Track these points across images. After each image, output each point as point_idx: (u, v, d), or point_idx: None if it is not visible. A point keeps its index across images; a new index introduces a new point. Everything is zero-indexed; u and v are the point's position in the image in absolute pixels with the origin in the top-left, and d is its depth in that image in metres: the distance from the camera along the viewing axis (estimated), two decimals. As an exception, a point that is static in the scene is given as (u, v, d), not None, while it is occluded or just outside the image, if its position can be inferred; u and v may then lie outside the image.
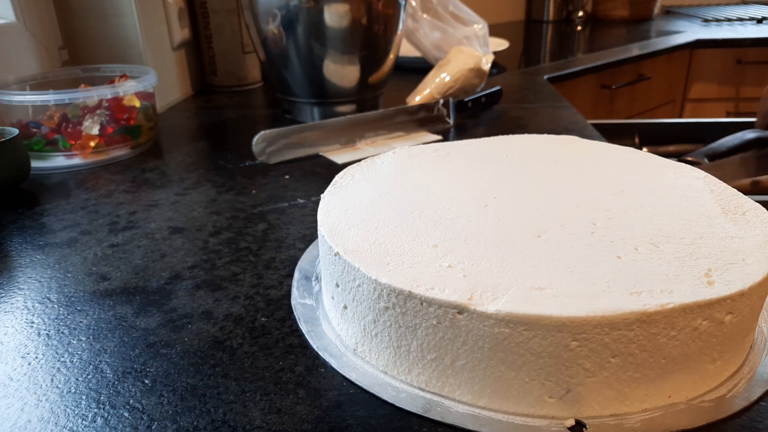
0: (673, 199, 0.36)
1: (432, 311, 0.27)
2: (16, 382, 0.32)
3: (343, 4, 0.71)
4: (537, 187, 0.38)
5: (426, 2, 0.95)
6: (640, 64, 1.31)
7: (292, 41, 0.73)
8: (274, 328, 0.36)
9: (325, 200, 0.38)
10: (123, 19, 0.80)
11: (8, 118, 0.68)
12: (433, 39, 0.95)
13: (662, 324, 0.25)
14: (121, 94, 0.68)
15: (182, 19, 0.93)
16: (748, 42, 1.42)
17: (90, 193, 0.59)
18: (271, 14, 0.72)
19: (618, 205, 0.34)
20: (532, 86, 1.00)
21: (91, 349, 0.35)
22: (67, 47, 0.84)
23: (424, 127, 0.75)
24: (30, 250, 0.48)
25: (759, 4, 1.94)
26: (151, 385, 0.32)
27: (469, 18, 0.97)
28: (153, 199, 0.57)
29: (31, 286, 0.42)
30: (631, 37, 1.51)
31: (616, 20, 1.83)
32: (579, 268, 0.28)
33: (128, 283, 0.42)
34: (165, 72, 0.89)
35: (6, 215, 0.54)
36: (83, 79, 0.77)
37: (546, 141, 0.48)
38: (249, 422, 0.29)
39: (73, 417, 0.29)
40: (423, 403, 0.29)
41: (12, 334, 0.37)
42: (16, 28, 0.75)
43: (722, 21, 1.66)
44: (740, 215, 0.33)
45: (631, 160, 0.42)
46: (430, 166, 0.42)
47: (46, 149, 0.67)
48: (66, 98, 0.65)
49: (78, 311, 0.39)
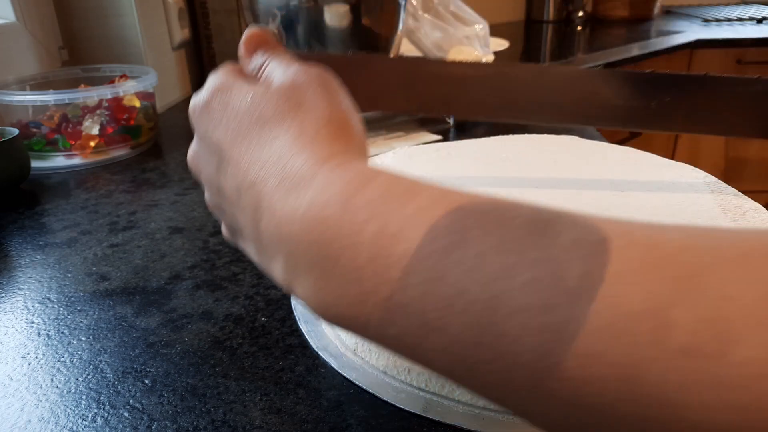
0: (673, 199, 0.36)
1: (432, 311, 0.27)
2: (16, 382, 0.32)
3: (343, 4, 0.71)
4: (537, 187, 0.38)
5: (427, 2, 0.95)
6: (640, 64, 1.31)
7: (292, 41, 0.73)
8: (274, 328, 0.36)
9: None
10: (123, 19, 0.80)
11: (8, 118, 0.68)
12: (434, 38, 0.95)
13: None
14: (121, 94, 0.68)
15: (182, 19, 0.94)
16: (748, 42, 1.42)
17: (90, 193, 0.59)
18: (271, 14, 0.72)
19: (618, 205, 0.34)
20: (532, 86, 1.00)
21: (91, 349, 0.35)
22: (67, 47, 0.84)
23: (424, 127, 0.75)
24: (30, 250, 0.48)
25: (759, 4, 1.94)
26: (151, 385, 0.32)
27: (470, 18, 0.97)
28: (153, 199, 0.57)
29: (31, 286, 0.42)
30: (631, 37, 1.51)
31: (616, 20, 1.83)
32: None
33: (128, 283, 0.42)
34: (165, 72, 0.89)
35: (6, 215, 0.54)
36: (83, 79, 0.77)
37: (546, 141, 0.48)
38: (249, 422, 0.29)
39: (73, 417, 0.29)
40: (423, 403, 0.29)
41: (12, 334, 0.37)
42: (16, 28, 0.75)
43: (722, 21, 1.66)
44: (740, 215, 0.33)
45: (631, 160, 0.42)
46: (430, 166, 0.42)
47: (46, 149, 0.67)
48: (66, 98, 0.65)
49: (78, 311, 0.39)
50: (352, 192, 0.18)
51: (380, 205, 0.18)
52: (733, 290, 0.13)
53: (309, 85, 0.23)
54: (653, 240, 0.14)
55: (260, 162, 0.21)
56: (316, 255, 0.19)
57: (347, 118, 0.23)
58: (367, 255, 0.17)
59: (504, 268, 0.15)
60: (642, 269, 0.14)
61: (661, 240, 0.14)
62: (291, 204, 0.20)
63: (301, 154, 0.21)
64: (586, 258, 0.14)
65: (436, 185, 0.19)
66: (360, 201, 0.18)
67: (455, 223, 0.16)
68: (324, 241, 0.18)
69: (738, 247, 0.14)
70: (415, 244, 0.16)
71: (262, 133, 0.22)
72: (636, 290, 0.13)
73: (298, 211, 0.19)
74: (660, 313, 0.13)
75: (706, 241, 0.14)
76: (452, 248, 0.16)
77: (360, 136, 0.23)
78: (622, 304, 0.13)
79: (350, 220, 0.18)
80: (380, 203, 0.18)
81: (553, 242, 0.15)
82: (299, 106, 0.22)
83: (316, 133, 0.21)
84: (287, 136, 0.21)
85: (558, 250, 0.15)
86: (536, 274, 0.14)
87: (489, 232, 0.16)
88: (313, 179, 0.20)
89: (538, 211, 0.16)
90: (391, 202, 0.18)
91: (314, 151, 0.21)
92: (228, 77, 0.25)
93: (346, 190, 0.18)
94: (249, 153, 0.22)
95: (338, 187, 0.19)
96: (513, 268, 0.15)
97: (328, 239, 0.18)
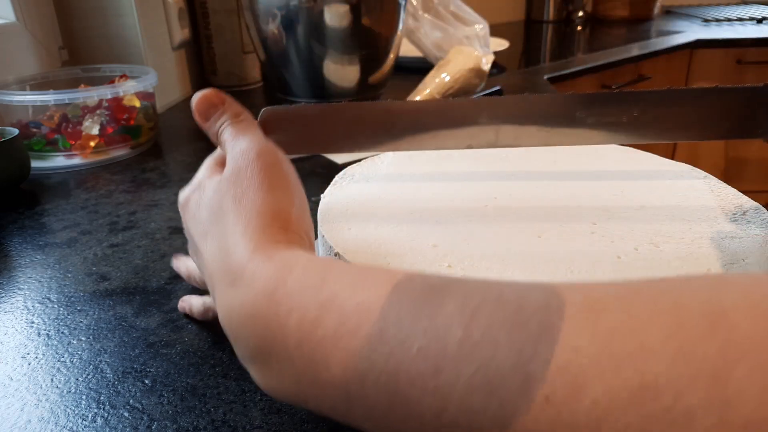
0: (673, 199, 0.36)
1: (432, 311, 0.27)
2: (16, 382, 0.32)
3: (343, 4, 0.71)
4: (537, 186, 0.38)
5: (427, 2, 0.95)
6: (640, 64, 1.31)
7: (292, 41, 0.73)
8: (274, 328, 0.36)
9: (325, 200, 0.38)
10: (123, 19, 0.80)
11: (8, 118, 0.68)
12: (434, 38, 0.95)
13: (662, 324, 0.25)
14: (121, 94, 0.68)
15: (182, 19, 0.94)
16: (748, 42, 1.42)
17: (90, 193, 0.59)
18: (271, 14, 0.72)
19: (618, 205, 0.34)
20: (532, 86, 1.00)
21: (91, 349, 0.35)
22: (67, 47, 0.84)
23: (424, 127, 0.75)
24: (30, 250, 0.48)
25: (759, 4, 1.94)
26: (151, 385, 0.32)
27: (470, 18, 0.97)
28: (153, 199, 0.57)
29: (31, 286, 0.42)
30: (631, 37, 1.51)
31: (616, 20, 1.83)
32: (579, 268, 0.28)
33: (128, 283, 0.42)
34: (165, 72, 0.89)
35: (6, 215, 0.54)
36: (83, 79, 0.77)
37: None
38: (249, 422, 0.29)
39: (73, 417, 0.29)
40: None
41: (12, 334, 0.37)
42: (16, 28, 0.75)
43: (722, 21, 1.66)
44: (740, 215, 0.33)
45: (631, 160, 0.42)
46: (430, 165, 0.42)
47: (46, 149, 0.67)
48: (66, 98, 0.65)
49: (78, 311, 0.39)
50: (275, 286, 0.21)
51: (299, 296, 0.20)
52: (580, 341, 0.15)
53: (250, 173, 0.26)
54: (520, 299, 0.17)
55: (212, 257, 0.25)
56: (254, 346, 0.21)
57: (282, 205, 0.26)
58: (294, 341, 0.20)
59: (400, 341, 0.17)
60: (506, 326, 0.16)
61: (525, 298, 0.17)
62: (230, 299, 0.23)
63: (236, 249, 0.24)
64: (464, 324, 0.16)
65: (348, 267, 0.21)
66: (282, 293, 0.21)
67: (362, 304, 0.19)
68: (258, 334, 0.21)
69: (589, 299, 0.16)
70: (330, 330, 0.19)
71: (217, 228, 0.25)
72: (504, 348, 0.15)
73: (235, 308, 0.22)
74: (524, 367, 0.15)
75: (563, 296, 0.16)
76: (359, 328, 0.18)
77: (297, 219, 0.26)
78: (493, 364, 0.15)
79: (276, 312, 0.20)
80: (299, 294, 0.20)
81: (439, 311, 0.17)
82: (239, 199, 0.25)
83: (247, 225, 0.24)
84: (229, 230, 0.24)
85: (442, 319, 0.17)
86: (425, 343, 0.17)
87: (388, 306, 0.18)
88: (243, 276, 0.22)
89: (431, 282, 0.19)
90: (308, 291, 0.20)
91: (246, 246, 0.23)
92: (206, 172, 0.28)
93: (270, 285, 0.21)
94: (209, 248, 0.26)
95: (262, 283, 0.21)
96: (408, 340, 0.17)
97: (261, 332, 0.21)
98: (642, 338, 0.14)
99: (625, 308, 0.15)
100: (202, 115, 0.29)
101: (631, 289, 0.16)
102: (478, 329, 0.16)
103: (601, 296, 0.16)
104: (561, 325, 0.15)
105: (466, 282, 0.18)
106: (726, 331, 0.13)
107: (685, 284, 0.16)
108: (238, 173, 0.26)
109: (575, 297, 0.16)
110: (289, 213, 0.26)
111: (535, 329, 0.15)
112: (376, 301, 0.18)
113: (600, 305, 0.15)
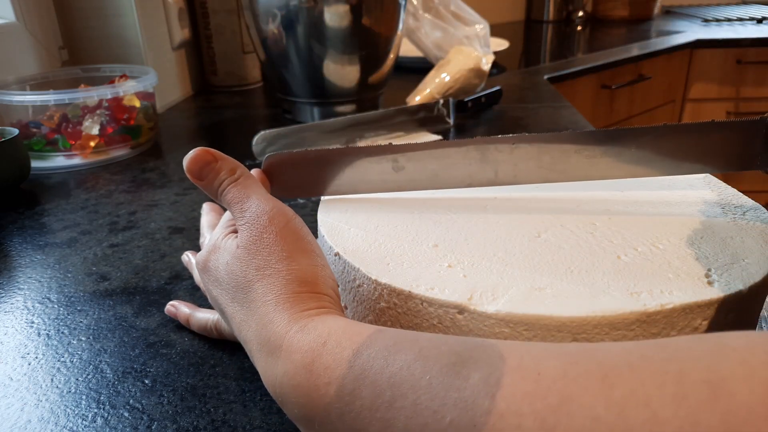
0: (673, 199, 0.36)
1: (432, 311, 0.27)
2: (16, 382, 0.32)
3: (343, 4, 0.71)
4: (537, 187, 0.38)
5: (428, 1, 0.95)
6: (640, 64, 1.31)
7: (292, 41, 0.73)
8: (274, 328, 0.36)
9: (325, 200, 0.38)
10: (123, 19, 0.80)
11: (8, 118, 0.68)
12: (434, 38, 0.95)
13: (662, 324, 0.25)
14: (121, 94, 0.68)
15: (182, 19, 0.94)
16: (748, 42, 1.42)
17: (90, 193, 0.59)
18: (271, 14, 0.72)
19: (618, 205, 0.34)
20: (532, 86, 1.00)
21: (91, 349, 0.35)
22: (67, 47, 0.84)
23: (424, 127, 0.75)
24: (30, 250, 0.48)
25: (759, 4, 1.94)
26: (151, 385, 0.32)
27: (471, 18, 0.97)
28: (153, 199, 0.57)
29: (31, 286, 0.42)
30: (631, 37, 1.51)
31: (616, 20, 1.83)
32: (579, 268, 0.28)
33: (128, 283, 0.42)
34: (165, 72, 0.89)
35: (6, 215, 0.54)
36: (83, 79, 0.77)
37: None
38: (249, 422, 0.29)
39: (73, 417, 0.29)
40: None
41: (12, 334, 0.37)
42: (16, 28, 0.75)
43: (722, 21, 1.66)
44: (740, 215, 0.33)
45: (631, 160, 0.42)
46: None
47: (46, 149, 0.67)
48: (66, 98, 0.65)
49: (78, 311, 0.39)
50: (312, 359, 0.23)
51: (334, 369, 0.22)
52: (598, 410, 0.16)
53: (268, 241, 0.26)
54: (539, 366, 0.18)
55: (244, 325, 0.26)
56: (299, 413, 0.23)
57: (305, 269, 0.26)
58: (336, 413, 0.21)
59: (433, 413, 0.19)
60: (525, 399, 0.17)
61: (543, 366, 0.18)
62: (271, 370, 0.24)
63: (272, 321, 0.25)
64: (491, 396, 0.18)
65: (377, 337, 0.22)
66: (319, 366, 0.22)
67: (396, 375, 0.20)
68: (302, 403, 0.23)
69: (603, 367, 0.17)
70: (368, 402, 0.20)
71: (245, 296, 0.26)
72: (526, 419, 0.17)
73: (278, 377, 0.24)
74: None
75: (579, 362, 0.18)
76: (394, 399, 0.20)
77: (322, 279, 0.27)
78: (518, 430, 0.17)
79: (315, 384, 0.22)
80: (334, 367, 0.22)
81: (466, 384, 0.19)
82: (262, 269, 0.26)
83: (278, 297, 0.25)
84: (260, 300, 0.26)
85: (470, 392, 0.18)
86: (455, 414, 0.18)
87: (420, 377, 0.20)
88: (281, 347, 0.24)
89: (456, 350, 0.20)
90: (342, 365, 0.22)
91: (281, 318, 0.25)
92: (220, 233, 0.29)
93: (307, 358, 0.23)
94: (239, 315, 0.26)
95: (300, 356, 0.23)
96: (439, 411, 0.19)
97: (304, 401, 0.22)
98: (654, 408, 0.15)
99: (637, 376, 0.16)
100: (196, 175, 0.29)
101: (641, 354, 0.17)
102: (500, 401, 0.17)
103: (615, 364, 0.17)
104: (579, 393, 0.16)
105: (494, 350, 0.19)
106: (726, 400, 0.15)
107: (687, 351, 0.17)
108: (255, 242, 0.26)
109: (590, 366, 0.17)
110: (315, 275, 0.26)
111: (555, 401, 0.17)
112: (406, 372, 0.20)
113: (614, 374, 0.17)
